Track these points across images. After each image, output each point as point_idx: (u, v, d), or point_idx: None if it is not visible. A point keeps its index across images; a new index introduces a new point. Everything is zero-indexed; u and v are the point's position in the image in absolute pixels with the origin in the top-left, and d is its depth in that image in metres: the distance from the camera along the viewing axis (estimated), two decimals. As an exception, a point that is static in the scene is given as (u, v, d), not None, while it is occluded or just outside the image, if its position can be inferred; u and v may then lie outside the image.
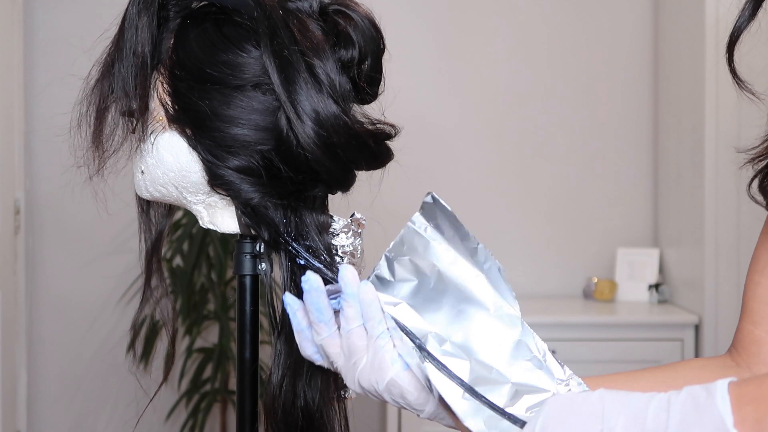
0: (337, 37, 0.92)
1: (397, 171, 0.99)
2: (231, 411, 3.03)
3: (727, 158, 2.70)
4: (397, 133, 0.95)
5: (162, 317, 1.03)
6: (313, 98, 0.87)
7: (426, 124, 3.13)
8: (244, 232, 0.94)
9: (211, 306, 2.99)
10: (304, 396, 0.91)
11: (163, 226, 1.02)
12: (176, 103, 0.92)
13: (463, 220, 0.89)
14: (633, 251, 3.15)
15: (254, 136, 0.89)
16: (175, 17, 0.94)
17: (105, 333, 3.15)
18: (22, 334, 3.06)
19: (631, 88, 3.22)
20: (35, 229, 3.15)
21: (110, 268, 3.11)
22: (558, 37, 3.21)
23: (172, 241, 2.93)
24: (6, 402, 2.87)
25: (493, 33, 3.21)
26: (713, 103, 2.72)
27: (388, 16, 1.01)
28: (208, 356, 2.99)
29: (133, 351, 1.15)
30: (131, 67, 0.92)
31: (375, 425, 3.06)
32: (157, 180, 0.94)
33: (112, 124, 0.94)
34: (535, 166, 3.21)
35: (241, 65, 0.90)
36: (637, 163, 3.22)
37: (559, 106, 3.21)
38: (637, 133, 3.22)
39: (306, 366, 0.91)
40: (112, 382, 3.15)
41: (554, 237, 3.21)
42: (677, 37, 3.02)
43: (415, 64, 3.14)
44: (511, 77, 3.21)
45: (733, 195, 2.69)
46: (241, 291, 0.96)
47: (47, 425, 3.20)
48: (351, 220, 0.94)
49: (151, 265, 1.01)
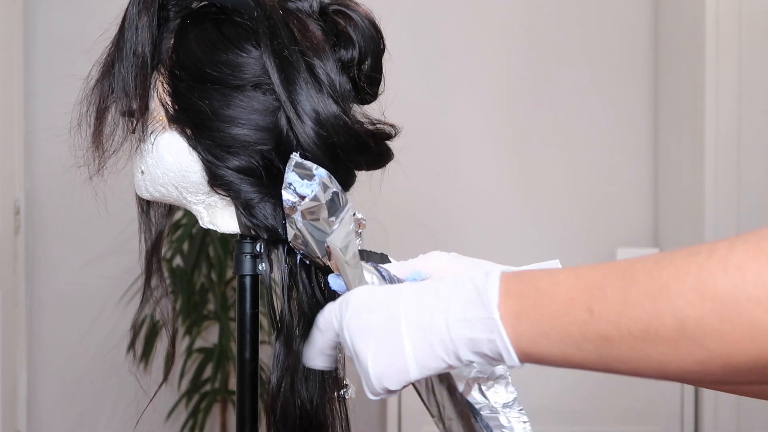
0: (337, 37, 0.92)
1: (398, 171, 0.99)
2: (231, 411, 3.03)
3: (727, 158, 2.70)
4: (398, 133, 0.95)
5: (162, 317, 1.03)
6: (313, 98, 0.87)
7: (426, 124, 3.13)
8: (243, 232, 0.94)
9: (211, 306, 2.99)
10: (303, 397, 0.91)
11: (163, 226, 1.02)
12: (176, 103, 0.92)
13: (462, 219, 0.90)
14: (633, 251, 3.14)
15: (254, 136, 0.89)
16: (175, 17, 0.94)
17: (105, 333, 3.15)
18: (22, 334, 3.06)
19: (631, 88, 3.22)
20: (35, 229, 3.15)
21: (110, 268, 3.11)
22: (558, 36, 3.21)
23: (172, 241, 2.93)
24: (6, 402, 2.87)
25: (493, 33, 3.21)
26: (713, 102, 2.72)
27: (388, 16, 1.01)
28: (208, 356, 2.98)
29: (133, 351, 1.16)
30: (131, 67, 0.92)
31: (375, 425, 3.06)
32: (157, 180, 0.94)
33: (112, 124, 0.94)
34: (536, 166, 3.21)
35: (241, 65, 0.90)
36: (637, 163, 3.23)
37: (558, 106, 3.21)
38: (637, 133, 3.22)
39: (303, 367, 0.91)
40: (112, 382, 3.15)
41: (554, 237, 3.21)
42: (677, 37, 3.02)
43: (416, 64, 3.14)
44: (511, 77, 3.21)
45: (733, 195, 2.70)
46: (241, 291, 0.96)
47: (47, 425, 3.20)
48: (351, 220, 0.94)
49: (151, 265, 1.01)
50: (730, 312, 0.57)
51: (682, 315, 0.59)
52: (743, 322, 0.56)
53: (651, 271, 0.61)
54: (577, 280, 0.65)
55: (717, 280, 0.58)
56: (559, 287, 0.66)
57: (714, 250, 0.59)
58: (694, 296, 0.58)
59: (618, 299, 0.62)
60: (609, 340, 0.62)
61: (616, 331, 0.62)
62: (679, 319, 0.59)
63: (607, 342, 0.62)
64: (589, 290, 0.64)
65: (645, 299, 0.61)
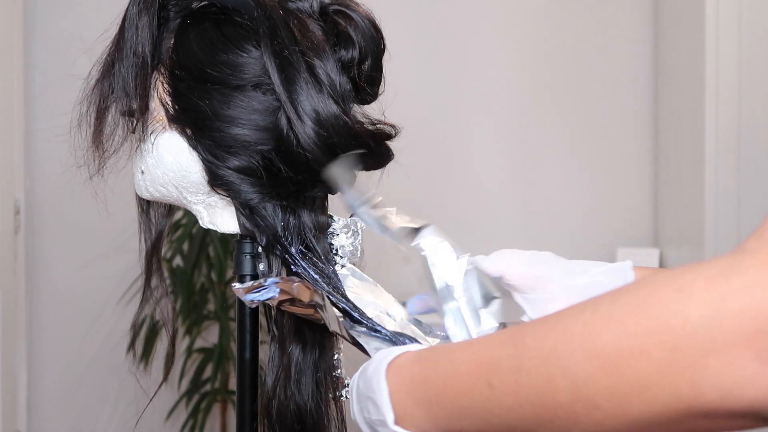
0: (338, 37, 0.92)
1: (398, 171, 0.99)
2: (231, 411, 3.03)
3: (727, 158, 2.70)
4: (398, 133, 0.95)
5: (162, 317, 1.03)
6: (313, 98, 0.87)
7: (426, 124, 3.12)
8: (243, 232, 0.94)
9: (211, 306, 2.99)
10: (297, 398, 0.91)
11: (163, 226, 1.02)
12: (176, 103, 0.92)
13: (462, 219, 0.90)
14: (633, 251, 3.14)
15: (254, 136, 0.89)
16: (176, 17, 0.94)
17: (105, 333, 3.15)
18: (22, 334, 3.06)
19: (631, 88, 3.22)
20: (35, 229, 3.15)
21: (110, 268, 3.11)
22: (558, 36, 3.21)
23: (172, 241, 2.93)
24: (6, 402, 2.87)
25: (494, 32, 3.21)
26: (713, 103, 2.72)
27: (388, 16, 1.01)
28: (208, 356, 2.98)
29: (133, 351, 1.15)
30: (131, 67, 0.92)
31: (375, 425, 3.06)
32: (157, 180, 0.94)
33: (112, 124, 0.94)
34: (535, 166, 3.21)
35: (241, 65, 0.90)
36: (637, 163, 3.22)
37: (558, 106, 3.21)
38: (637, 133, 3.22)
39: (295, 369, 0.91)
40: (112, 382, 3.15)
41: (554, 237, 3.21)
42: (677, 37, 3.02)
43: (416, 64, 3.14)
44: (511, 77, 3.21)
45: (733, 195, 2.69)
46: (242, 291, 0.96)
47: (47, 425, 3.20)
48: (351, 220, 0.94)
49: (151, 265, 1.01)
50: (615, 367, 0.55)
51: (572, 376, 0.57)
52: (628, 375, 0.54)
53: (540, 336, 0.60)
54: (474, 356, 0.65)
55: (601, 336, 0.55)
56: (459, 366, 0.65)
57: (598, 305, 0.57)
58: (581, 355, 0.56)
59: (513, 369, 0.61)
60: (513, 411, 0.61)
61: (517, 401, 0.61)
62: (570, 380, 0.57)
63: (512, 413, 0.61)
64: (486, 364, 0.63)
65: (537, 366, 0.59)
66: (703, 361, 0.51)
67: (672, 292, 0.53)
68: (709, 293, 0.51)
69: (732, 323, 0.50)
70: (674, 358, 0.52)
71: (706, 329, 0.51)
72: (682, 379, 0.52)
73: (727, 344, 0.50)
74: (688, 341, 0.51)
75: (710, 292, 0.51)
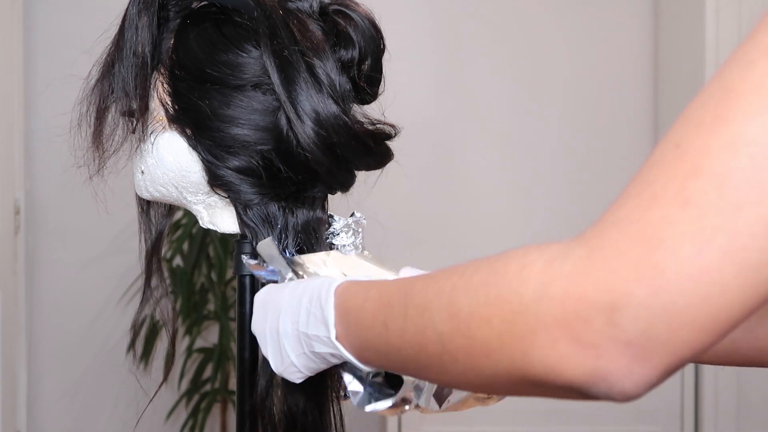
0: (337, 37, 0.92)
1: (398, 171, 0.99)
2: (231, 411, 3.03)
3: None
4: (397, 134, 0.95)
5: (162, 317, 1.03)
6: (313, 98, 0.87)
7: (426, 124, 3.12)
8: (243, 232, 0.94)
9: (211, 306, 2.99)
10: (290, 400, 0.91)
11: (163, 226, 1.02)
12: (176, 103, 0.92)
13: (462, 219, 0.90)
14: (633, 251, 3.14)
15: (254, 136, 0.89)
16: (175, 17, 0.94)
17: (105, 333, 3.15)
18: (22, 334, 3.06)
19: (631, 88, 3.21)
20: (35, 229, 3.15)
21: (110, 268, 3.11)
22: (558, 37, 3.21)
23: (172, 241, 2.93)
24: (6, 402, 2.87)
25: (494, 33, 3.21)
26: (713, 103, 2.72)
27: (388, 16, 1.01)
28: (208, 356, 2.98)
29: (133, 351, 1.15)
30: (131, 67, 0.92)
31: (375, 426, 3.06)
32: (157, 180, 0.94)
33: (112, 124, 0.94)
34: (535, 166, 3.21)
35: (241, 65, 0.90)
36: (637, 163, 3.21)
37: (558, 106, 3.21)
38: (637, 133, 3.22)
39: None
40: (112, 382, 3.15)
41: (554, 237, 3.20)
42: (677, 37, 3.02)
43: (416, 64, 3.14)
44: (511, 77, 3.21)
45: (733, 195, 2.69)
46: (241, 291, 0.96)
47: (47, 425, 3.20)
48: (351, 219, 0.95)
49: (151, 265, 1.01)
50: (467, 329, 0.59)
51: (439, 330, 0.62)
52: (478, 338, 0.58)
53: (422, 289, 0.65)
54: (379, 296, 0.70)
55: (460, 299, 0.60)
56: (368, 303, 0.71)
57: (465, 270, 0.62)
58: (445, 314, 0.61)
59: (400, 315, 0.66)
60: (401, 352, 0.67)
61: (402, 344, 0.66)
62: (437, 334, 0.62)
63: (400, 354, 0.67)
64: (384, 307, 0.69)
65: (415, 317, 0.65)
66: (531, 337, 0.55)
67: (518, 268, 0.57)
68: (541, 276, 0.55)
69: (555, 307, 0.53)
70: (510, 330, 0.56)
71: (535, 308, 0.54)
72: (516, 350, 0.56)
73: (551, 326, 0.54)
74: (521, 317, 0.55)
75: (543, 275, 0.55)
